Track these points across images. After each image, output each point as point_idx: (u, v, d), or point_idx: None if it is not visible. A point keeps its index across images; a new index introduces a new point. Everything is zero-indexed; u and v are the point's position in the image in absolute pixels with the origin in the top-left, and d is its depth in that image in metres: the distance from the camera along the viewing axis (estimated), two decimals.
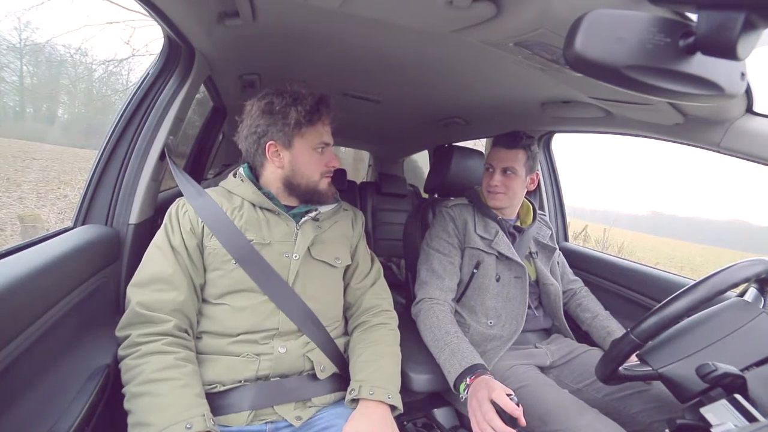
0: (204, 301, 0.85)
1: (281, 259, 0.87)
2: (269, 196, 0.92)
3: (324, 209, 0.97)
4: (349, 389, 0.82)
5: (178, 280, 0.80)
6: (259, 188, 0.93)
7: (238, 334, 0.81)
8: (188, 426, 0.65)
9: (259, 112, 0.89)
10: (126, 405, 0.69)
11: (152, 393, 0.68)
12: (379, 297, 1.01)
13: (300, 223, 0.92)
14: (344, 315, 1.01)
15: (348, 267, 1.01)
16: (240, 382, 0.79)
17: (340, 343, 0.92)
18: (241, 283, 0.83)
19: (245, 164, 0.98)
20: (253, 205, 0.91)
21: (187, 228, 0.85)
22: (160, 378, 0.70)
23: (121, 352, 0.74)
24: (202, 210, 0.87)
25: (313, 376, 0.84)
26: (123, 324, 0.76)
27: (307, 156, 0.91)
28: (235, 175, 0.97)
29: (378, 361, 0.86)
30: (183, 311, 0.79)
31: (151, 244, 0.85)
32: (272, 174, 0.93)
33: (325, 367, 0.86)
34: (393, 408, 0.82)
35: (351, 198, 2.40)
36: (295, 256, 0.88)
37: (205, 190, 0.93)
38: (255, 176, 0.97)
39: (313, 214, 0.94)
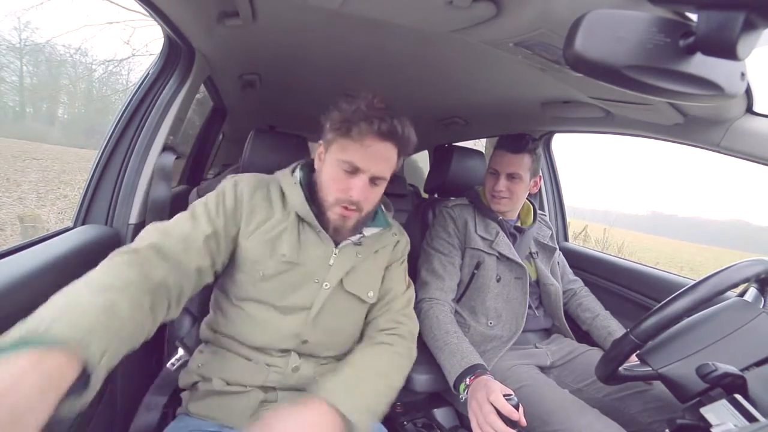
0: (226, 297, 0.81)
1: (310, 285, 0.79)
2: (314, 212, 0.80)
3: (369, 232, 0.86)
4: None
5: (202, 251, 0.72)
6: (307, 198, 0.81)
7: (252, 347, 0.79)
8: None
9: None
10: None
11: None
12: (398, 323, 0.86)
13: (339, 246, 0.82)
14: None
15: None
16: (245, 387, 0.76)
17: None
18: (265, 296, 0.78)
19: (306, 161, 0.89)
20: (297, 216, 0.81)
21: (231, 207, 0.77)
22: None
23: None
24: (252, 200, 0.79)
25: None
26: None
27: (330, 168, 0.79)
28: (294, 170, 0.86)
29: (355, 375, 0.70)
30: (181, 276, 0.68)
31: (199, 203, 0.77)
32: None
33: None
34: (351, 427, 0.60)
35: None
36: (326, 285, 0.79)
37: (266, 181, 0.84)
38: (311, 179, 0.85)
39: (355, 238, 0.83)
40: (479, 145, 2.89)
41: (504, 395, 0.76)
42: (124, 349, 0.51)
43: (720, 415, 0.60)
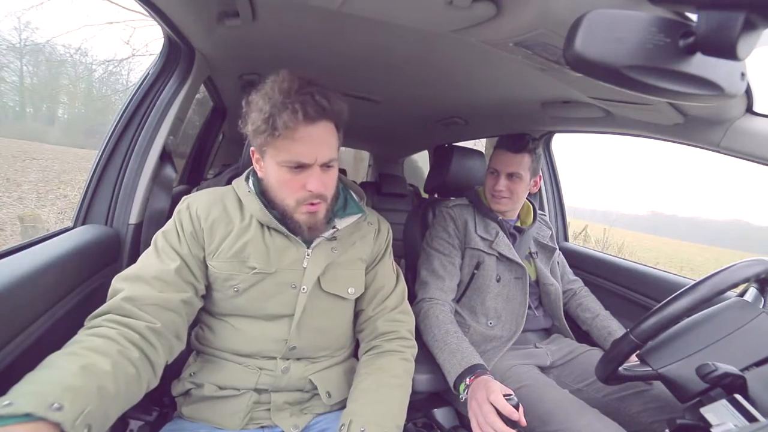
0: (209, 314, 0.81)
1: (288, 291, 0.77)
2: (276, 216, 0.77)
3: (342, 224, 0.82)
4: (339, 423, 0.70)
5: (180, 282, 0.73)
6: (266, 204, 0.78)
7: (242, 354, 0.78)
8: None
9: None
10: None
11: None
12: (397, 322, 0.86)
13: (312, 246, 0.79)
14: (355, 336, 0.92)
15: (363, 292, 0.87)
16: (238, 390, 0.76)
17: (348, 365, 0.87)
18: (244, 310, 0.77)
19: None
20: (261, 224, 0.78)
21: (190, 231, 0.75)
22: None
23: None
24: (208, 220, 0.76)
25: (315, 396, 0.80)
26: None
27: (274, 172, 0.73)
28: (247, 178, 0.82)
29: (379, 391, 0.74)
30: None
31: (159, 236, 0.75)
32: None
33: (332, 394, 0.80)
34: None
35: None
36: (303, 289, 0.77)
37: (220, 194, 0.81)
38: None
39: (328, 234, 0.80)
40: (479, 145, 2.89)
41: (504, 395, 0.76)
42: (114, 402, 0.54)
43: (720, 415, 0.60)
